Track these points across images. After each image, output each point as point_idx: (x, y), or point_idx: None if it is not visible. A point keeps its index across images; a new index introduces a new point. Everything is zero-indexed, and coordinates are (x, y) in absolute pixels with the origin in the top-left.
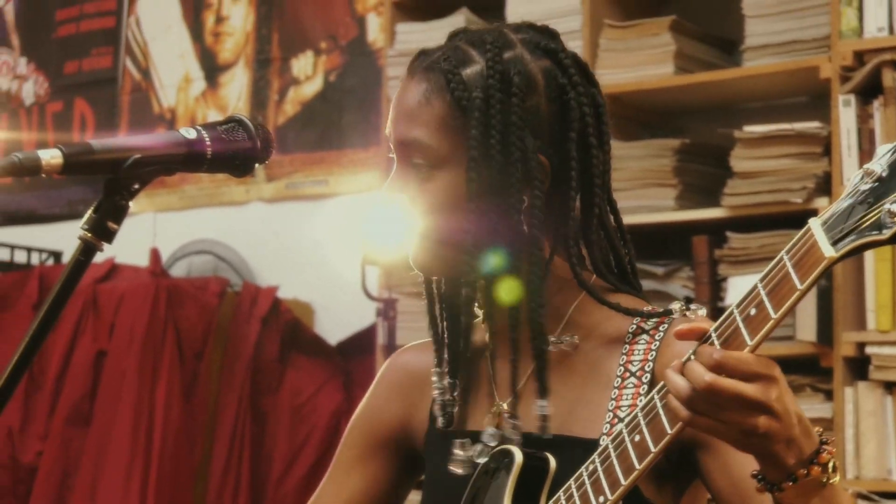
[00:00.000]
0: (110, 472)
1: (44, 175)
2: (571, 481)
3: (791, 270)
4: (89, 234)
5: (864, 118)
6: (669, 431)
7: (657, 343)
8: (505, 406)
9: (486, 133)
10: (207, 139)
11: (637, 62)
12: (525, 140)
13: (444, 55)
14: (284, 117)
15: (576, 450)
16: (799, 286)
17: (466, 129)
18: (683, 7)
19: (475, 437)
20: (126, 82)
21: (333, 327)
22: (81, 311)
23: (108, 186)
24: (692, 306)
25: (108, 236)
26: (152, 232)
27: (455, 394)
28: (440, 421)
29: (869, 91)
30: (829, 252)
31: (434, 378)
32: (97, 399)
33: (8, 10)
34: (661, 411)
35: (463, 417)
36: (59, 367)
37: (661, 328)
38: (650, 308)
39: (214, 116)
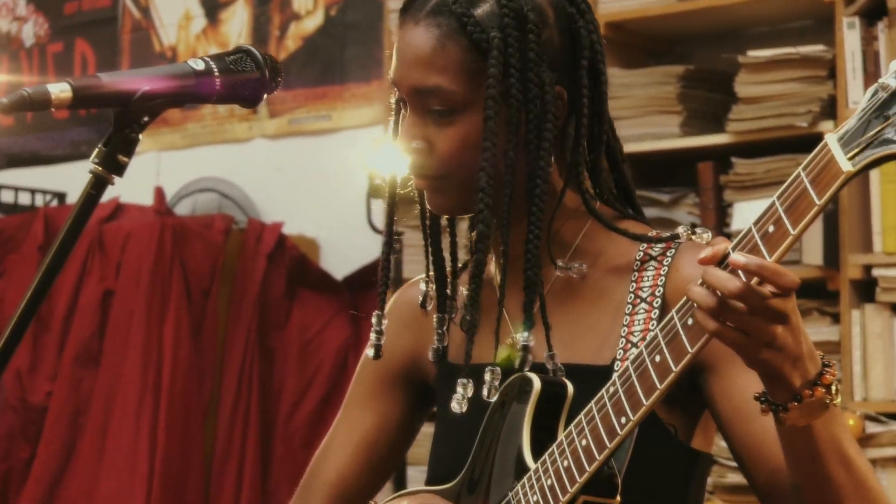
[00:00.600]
0: (120, 412)
1: (53, 109)
2: (592, 404)
3: (808, 186)
4: (100, 168)
5: (868, 40)
6: (690, 350)
7: (666, 268)
8: (518, 337)
9: (505, 72)
10: (216, 70)
11: None
12: (542, 75)
13: None
14: (286, 53)
15: (588, 376)
16: (817, 201)
17: (485, 70)
18: None
19: (485, 368)
20: (126, 21)
21: (339, 262)
22: (87, 251)
23: (118, 119)
24: (698, 229)
25: (119, 169)
26: (156, 171)
27: (445, 328)
28: (431, 355)
29: (873, 13)
30: (846, 167)
31: (435, 319)
32: (105, 339)
33: None
34: (681, 330)
35: (473, 353)
36: (66, 308)
37: (668, 253)
38: (656, 233)
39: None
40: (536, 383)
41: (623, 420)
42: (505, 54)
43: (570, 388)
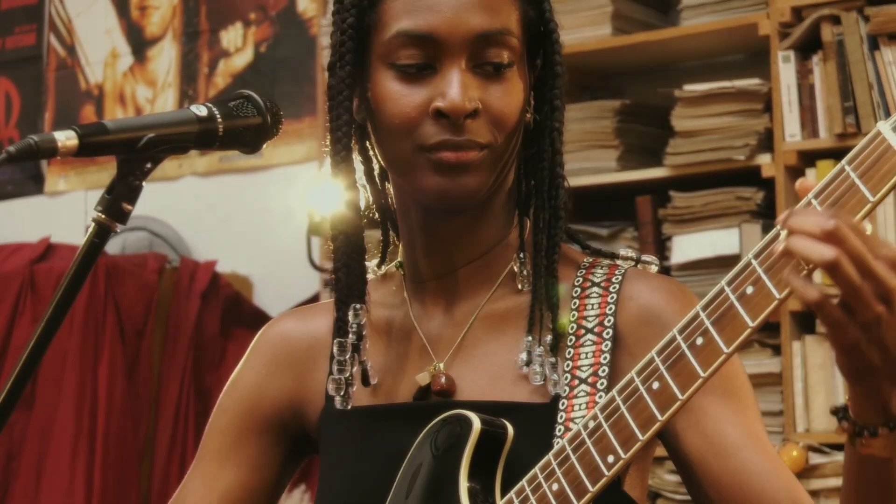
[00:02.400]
0: (55, 454)
1: (59, 157)
2: (565, 442)
3: (858, 182)
4: (104, 216)
5: (803, 74)
6: (702, 374)
7: (614, 296)
8: (442, 367)
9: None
10: (219, 116)
11: (575, 24)
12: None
13: None
14: (215, 90)
15: (526, 416)
16: (871, 198)
17: (531, 23)
18: None
19: (397, 411)
20: (51, 59)
21: (273, 300)
22: (19, 293)
23: (122, 167)
24: (644, 258)
25: (123, 217)
26: (84, 210)
27: (354, 369)
28: (338, 401)
29: (808, 46)
30: None
31: (336, 349)
32: (38, 380)
33: None
34: (687, 352)
35: (372, 387)
36: None
37: (613, 280)
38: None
39: (143, 92)
40: (476, 423)
41: (611, 459)
42: (551, 12)
43: (511, 430)
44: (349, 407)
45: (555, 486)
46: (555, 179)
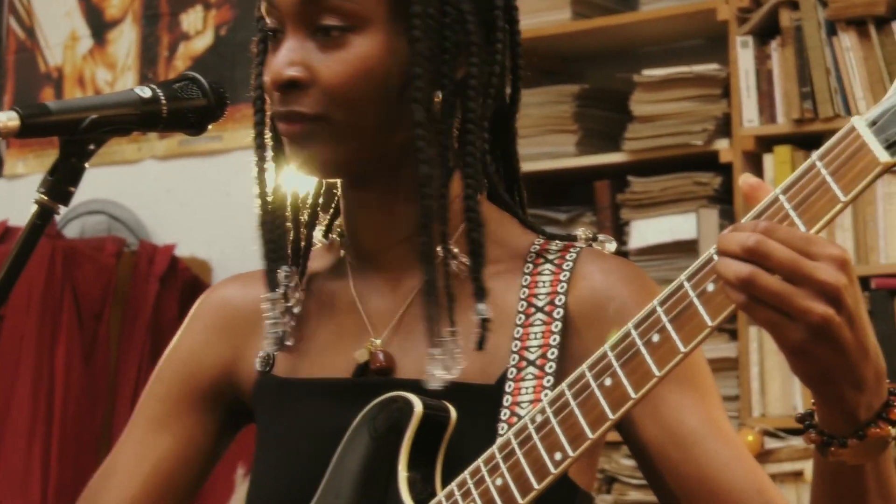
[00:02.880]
0: (11, 438)
1: (1, 137)
2: (510, 435)
3: (829, 179)
4: (46, 198)
5: (762, 59)
6: (657, 373)
7: (567, 274)
8: (379, 343)
9: None
10: (163, 97)
11: (534, 9)
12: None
13: None
14: (175, 73)
15: (469, 397)
16: (843, 198)
17: None
18: None
19: (335, 387)
20: (10, 42)
21: None
22: None
23: (64, 148)
24: (600, 237)
25: (66, 198)
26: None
27: (290, 323)
28: (266, 359)
29: (766, 32)
30: (883, 157)
31: (266, 305)
32: None
33: None
34: (642, 349)
35: (309, 361)
36: None
37: (566, 257)
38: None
39: (103, 75)
40: (418, 406)
41: (558, 456)
42: None
43: (454, 413)
44: (271, 371)
45: (498, 482)
46: (420, 164)
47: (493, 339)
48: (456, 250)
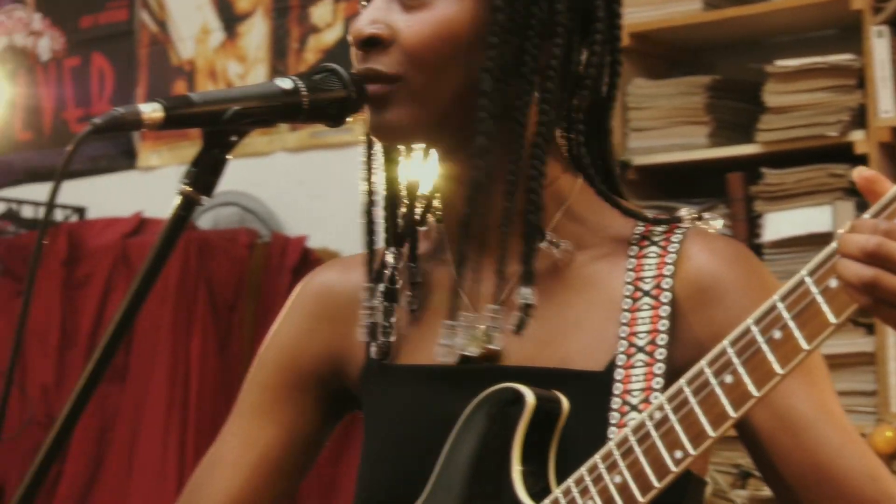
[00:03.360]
0: (148, 427)
1: (145, 129)
2: (628, 432)
3: None
4: (190, 189)
5: None
6: (780, 371)
7: (674, 256)
8: (484, 328)
9: None
10: (304, 89)
11: None
12: None
13: None
14: (305, 66)
15: (577, 385)
16: None
17: None
18: None
19: (442, 374)
20: (143, 35)
21: None
22: (112, 267)
23: (207, 140)
24: (705, 215)
25: (209, 189)
26: (177, 185)
27: (391, 318)
28: (373, 350)
29: None
30: None
31: (364, 295)
32: (132, 354)
33: None
34: (764, 346)
35: (414, 347)
36: (91, 324)
37: (673, 239)
38: (654, 215)
39: (234, 68)
40: (530, 398)
41: (678, 454)
42: None
43: (566, 404)
44: (386, 360)
45: (617, 479)
46: (476, 134)
47: (600, 324)
48: (552, 236)
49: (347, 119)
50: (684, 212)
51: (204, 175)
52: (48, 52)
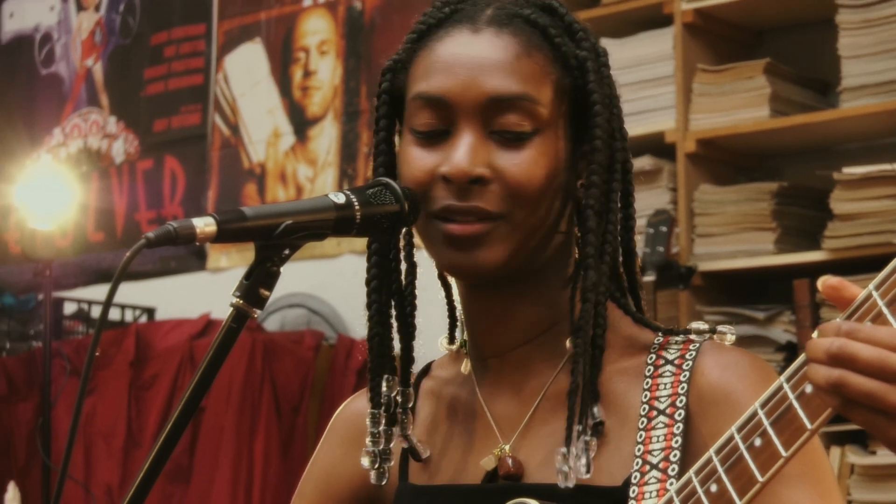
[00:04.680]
0: None
1: (198, 243)
2: None
3: None
4: (241, 301)
5: None
6: (760, 479)
7: (687, 373)
8: (507, 449)
9: (602, 99)
10: (356, 203)
11: (732, 106)
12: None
13: (522, 7)
14: None
15: (597, 500)
16: None
17: (566, 87)
18: (777, 49)
19: (467, 493)
20: (215, 138)
21: None
22: (178, 368)
23: (260, 253)
24: (720, 328)
25: (260, 303)
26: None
27: (389, 444)
28: (373, 476)
29: None
30: None
31: (368, 421)
32: (196, 455)
33: (97, 69)
34: (745, 455)
35: (441, 469)
36: (157, 424)
37: (687, 356)
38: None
39: (304, 171)
40: None
41: None
42: (598, 75)
43: None
44: (384, 483)
45: None
46: (586, 259)
47: (617, 442)
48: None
49: (400, 232)
50: (694, 325)
51: (256, 288)
52: (122, 154)
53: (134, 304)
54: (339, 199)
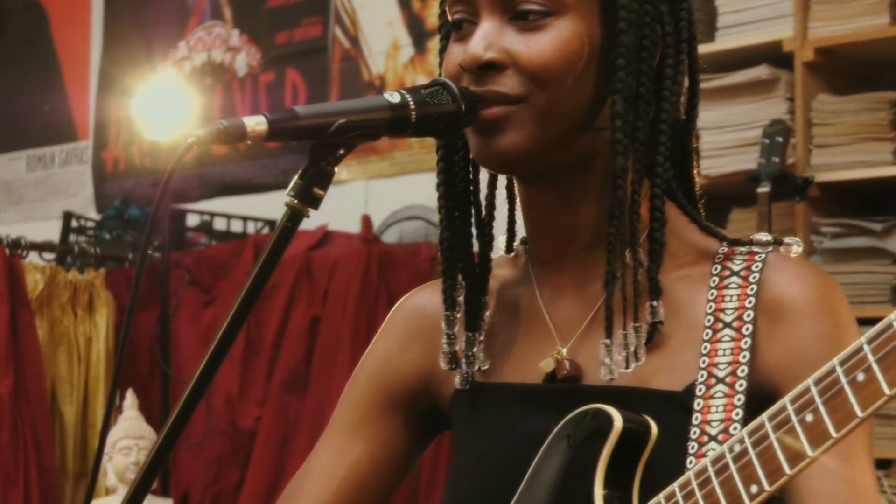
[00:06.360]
0: None
1: (248, 142)
2: (708, 462)
3: None
4: (296, 201)
5: None
6: (860, 414)
7: (754, 287)
8: (565, 352)
9: None
10: (412, 103)
11: (851, 13)
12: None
13: None
14: None
15: (658, 404)
16: None
17: None
18: None
19: (528, 393)
20: (336, 51)
21: None
22: (296, 279)
23: (314, 152)
24: (786, 240)
25: (315, 202)
26: (364, 199)
27: (475, 348)
28: (457, 381)
29: None
30: None
31: (444, 323)
32: (313, 365)
33: None
34: (847, 387)
35: (500, 369)
36: (275, 334)
37: (753, 268)
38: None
39: (424, 83)
40: (617, 422)
41: (754, 489)
42: None
43: (655, 430)
44: (468, 386)
45: None
46: (613, 145)
47: (679, 347)
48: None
49: (458, 133)
50: (761, 236)
51: (310, 187)
52: (244, 67)
53: (256, 216)
54: (395, 98)
